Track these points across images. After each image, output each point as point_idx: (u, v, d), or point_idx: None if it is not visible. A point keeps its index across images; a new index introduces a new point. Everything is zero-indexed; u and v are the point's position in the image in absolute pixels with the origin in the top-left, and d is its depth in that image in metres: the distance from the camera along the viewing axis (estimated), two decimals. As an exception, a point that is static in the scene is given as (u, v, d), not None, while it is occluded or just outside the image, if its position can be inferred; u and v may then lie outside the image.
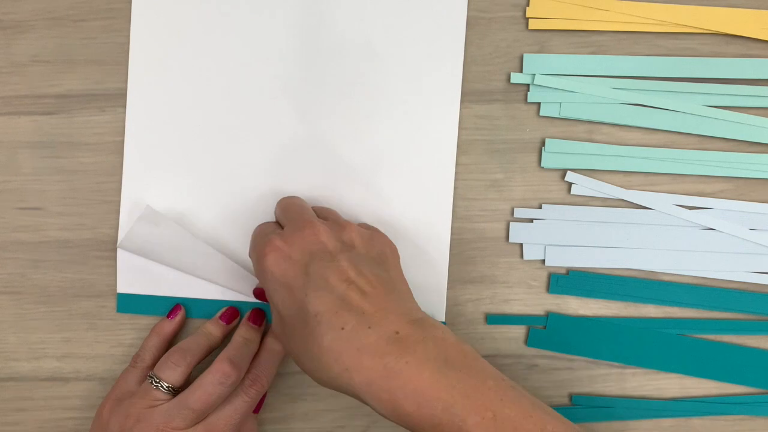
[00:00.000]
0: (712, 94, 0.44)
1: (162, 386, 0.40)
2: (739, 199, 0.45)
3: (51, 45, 0.45)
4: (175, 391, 0.40)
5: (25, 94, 0.45)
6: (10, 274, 0.46)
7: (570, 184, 0.45)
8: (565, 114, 0.45)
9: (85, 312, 0.46)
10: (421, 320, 0.36)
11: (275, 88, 0.45)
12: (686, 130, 0.45)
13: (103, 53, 0.45)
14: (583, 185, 0.45)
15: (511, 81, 0.45)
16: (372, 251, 0.39)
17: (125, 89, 0.45)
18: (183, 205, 0.45)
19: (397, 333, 0.35)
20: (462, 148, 0.45)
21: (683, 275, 0.45)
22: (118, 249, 0.45)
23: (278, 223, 0.42)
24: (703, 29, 0.45)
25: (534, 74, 0.44)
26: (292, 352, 0.38)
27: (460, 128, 0.45)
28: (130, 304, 0.45)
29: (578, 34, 0.45)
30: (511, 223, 0.45)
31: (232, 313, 0.45)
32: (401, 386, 0.33)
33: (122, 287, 0.45)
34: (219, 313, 0.44)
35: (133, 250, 0.44)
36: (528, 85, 0.45)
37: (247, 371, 0.41)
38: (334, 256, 0.37)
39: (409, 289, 0.39)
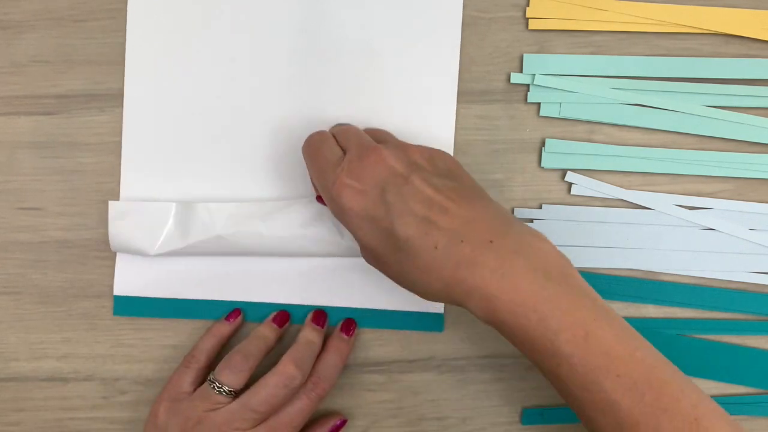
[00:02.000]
0: (711, 94, 0.44)
1: (224, 390, 0.40)
2: (738, 200, 0.45)
3: (51, 45, 0.45)
4: (235, 395, 0.40)
5: (25, 94, 0.45)
6: (10, 274, 0.46)
7: (570, 184, 0.45)
8: (565, 114, 0.45)
9: (84, 312, 0.46)
10: (512, 224, 0.36)
11: (272, 89, 0.45)
12: (686, 130, 0.45)
13: (103, 53, 0.45)
14: (583, 185, 0.45)
15: (511, 81, 0.45)
16: (439, 166, 0.38)
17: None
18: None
19: (491, 242, 0.34)
20: (462, 148, 0.45)
21: (683, 275, 0.45)
22: (109, 228, 0.45)
23: (334, 138, 0.40)
24: (703, 29, 0.45)
25: (534, 74, 0.45)
26: (390, 275, 0.38)
27: (460, 128, 0.45)
28: (127, 306, 0.45)
29: (578, 34, 0.45)
30: (511, 223, 0.45)
31: (283, 316, 0.44)
32: (498, 296, 0.34)
33: (119, 289, 0.45)
34: (271, 317, 0.44)
35: (126, 250, 0.44)
36: (528, 85, 0.45)
37: (311, 374, 0.42)
38: (407, 178, 0.36)
39: (487, 193, 0.39)
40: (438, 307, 0.45)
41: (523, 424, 0.46)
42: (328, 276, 0.45)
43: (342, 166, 0.37)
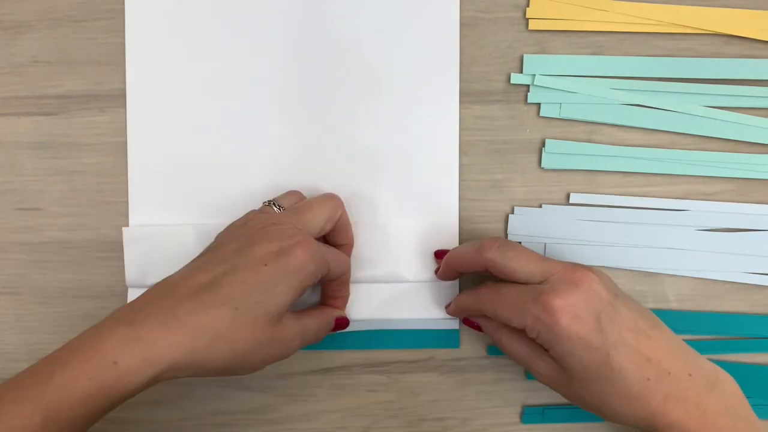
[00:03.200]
0: (711, 94, 0.44)
1: (276, 205, 0.40)
2: (739, 200, 0.45)
3: (51, 45, 0.45)
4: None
5: (25, 95, 0.45)
6: (10, 274, 0.46)
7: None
8: (565, 114, 0.45)
9: (85, 313, 0.46)
10: (696, 354, 0.38)
11: (271, 89, 0.45)
12: (686, 130, 0.45)
13: (103, 53, 0.45)
14: (586, 201, 0.45)
15: (511, 81, 0.45)
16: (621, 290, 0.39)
17: (125, 90, 0.45)
18: (184, 204, 0.45)
19: (690, 375, 0.36)
20: (462, 149, 0.45)
21: (683, 275, 0.45)
22: (125, 254, 0.45)
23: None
24: (703, 30, 0.45)
25: (534, 75, 0.45)
26: (578, 399, 0.38)
27: (460, 129, 0.45)
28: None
29: (578, 34, 0.45)
30: (510, 215, 0.45)
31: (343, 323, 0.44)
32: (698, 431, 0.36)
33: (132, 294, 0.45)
34: (338, 317, 0.44)
35: (143, 279, 0.44)
36: (528, 85, 0.45)
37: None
38: (614, 305, 0.37)
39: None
40: (453, 324, 0.45)
41: (524, 422, 0.46)
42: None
43: (548, 289, 0.37)
